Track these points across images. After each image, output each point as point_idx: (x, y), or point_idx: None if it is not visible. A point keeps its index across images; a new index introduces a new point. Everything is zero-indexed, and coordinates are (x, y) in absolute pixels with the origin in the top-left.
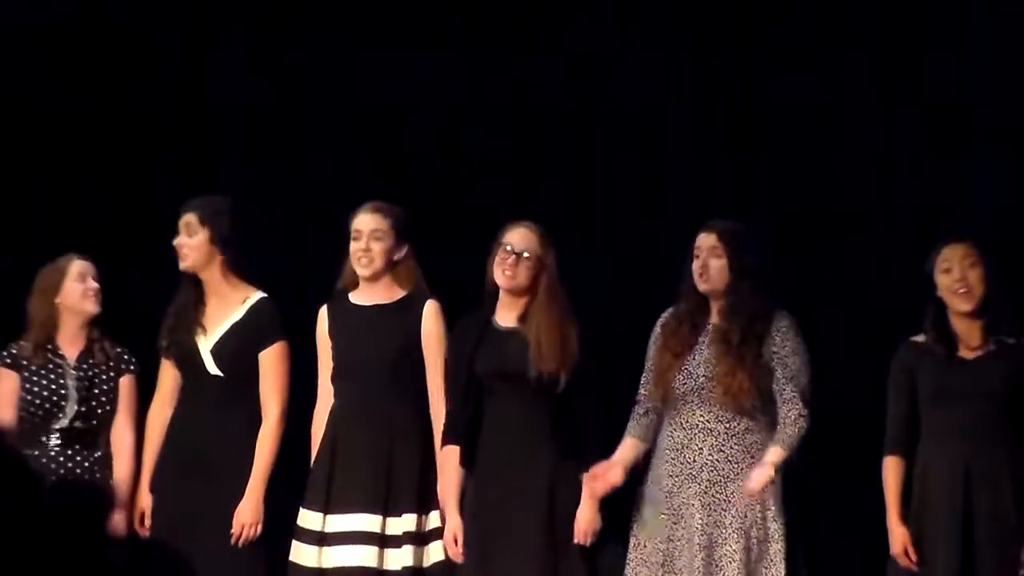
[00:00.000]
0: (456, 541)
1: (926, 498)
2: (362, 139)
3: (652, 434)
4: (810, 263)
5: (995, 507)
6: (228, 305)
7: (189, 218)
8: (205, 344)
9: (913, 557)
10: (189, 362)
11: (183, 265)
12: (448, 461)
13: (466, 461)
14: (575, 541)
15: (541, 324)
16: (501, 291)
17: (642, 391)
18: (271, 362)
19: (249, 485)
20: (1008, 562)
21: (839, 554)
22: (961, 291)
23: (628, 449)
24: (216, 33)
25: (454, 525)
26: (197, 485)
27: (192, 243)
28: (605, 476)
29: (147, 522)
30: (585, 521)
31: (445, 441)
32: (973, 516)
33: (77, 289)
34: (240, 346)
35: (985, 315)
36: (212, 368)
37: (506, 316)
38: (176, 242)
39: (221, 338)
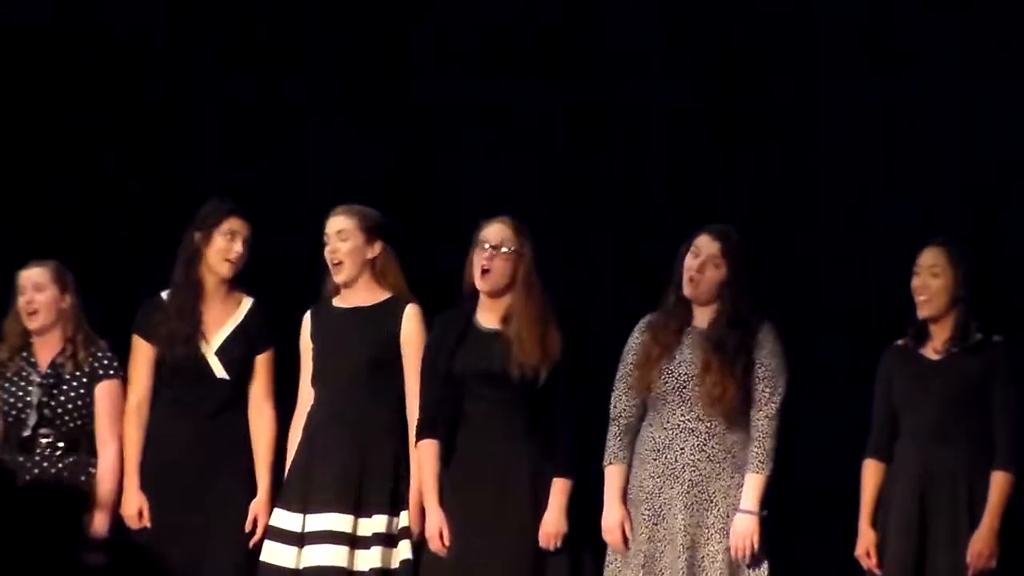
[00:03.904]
0: (442, 535)
1: (890, 500)
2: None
3: (632, 450)
4: (798, 264)
5: (951, 514)
6: (224, 308)
7: (249, 226)
8: (209, 349)
9: (874, 560)
10: (192, 368)
11: (230, 274)
12: (427, 455)
13: (442, 461)
14: (540, 545)
15: (521, 319)
16: (481, 293)
17: (617, 407)
18: (267, 365)
19: (261, 484)
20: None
21: (820, 555)
22: (920, 298)
23: (619, 478)
24: (201, 32)
25: (439, 520)
26: (207, 488)
27: (247, 251)
28: (616, 531)
29: (144, 520)
30: (551, 524)
31: (422, 436)
32: (929, 519)
33: (19, 303)
34: (243, 349)
35: (956, 317)
36: (219, 372)
37: (488, 317)
38: (240, 251)
39: (225, 342)
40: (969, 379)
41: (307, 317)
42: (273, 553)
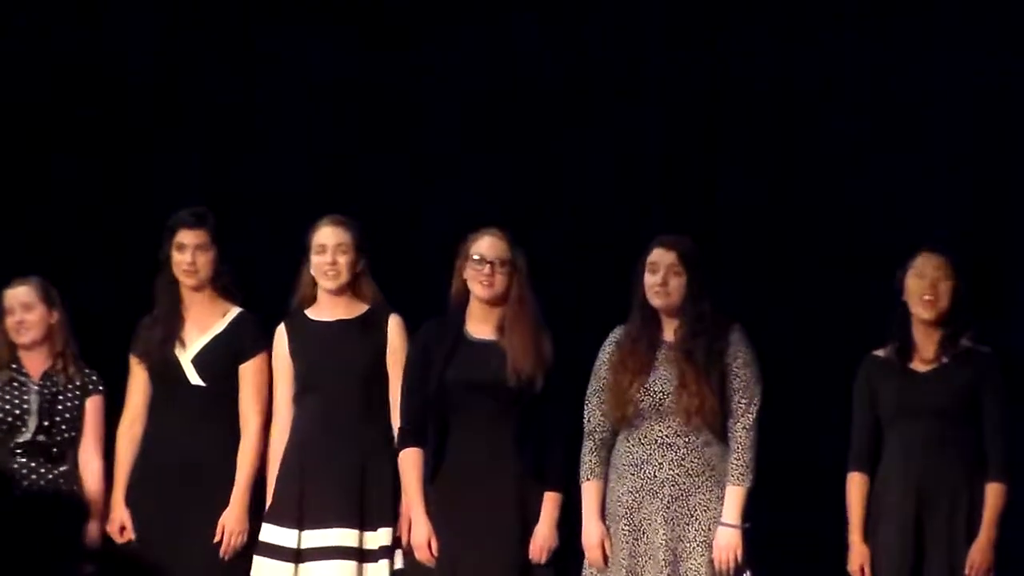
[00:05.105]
0: (430, 545)
1: (881, 514)
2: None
3: (608, 465)
4: (772, 276)
5: (948, 526)
6: (208, 317)
7: (202, 235)
8: (185, 355)
9: None
10: (168, 373)
11: (192, 283)
12: (410, 464)
13: (428, 471)
14: (530, 557)
15: (516, 330)
16: (475, 302)
17: (591, 421)
18: (252, 374)
19: (234, 493)
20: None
21: (803, 568)
22: (927, 298)
23: (596, 495)
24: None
25: (427, 530)
26: (181, 495)
27: (208, 259)
28: (596, 549)
29: (127, 534)
30: (542, 538)
31: (404, 444)
32: (924, 535)
33: (8, 322)
34: (223, 357)
35: (946, 328)
36: (194, 378)
37: (480, 328)
38: (190, 260)
39: (203, 349)
40: (960, 390)
41: (281, 329)
42: (265, 570)
